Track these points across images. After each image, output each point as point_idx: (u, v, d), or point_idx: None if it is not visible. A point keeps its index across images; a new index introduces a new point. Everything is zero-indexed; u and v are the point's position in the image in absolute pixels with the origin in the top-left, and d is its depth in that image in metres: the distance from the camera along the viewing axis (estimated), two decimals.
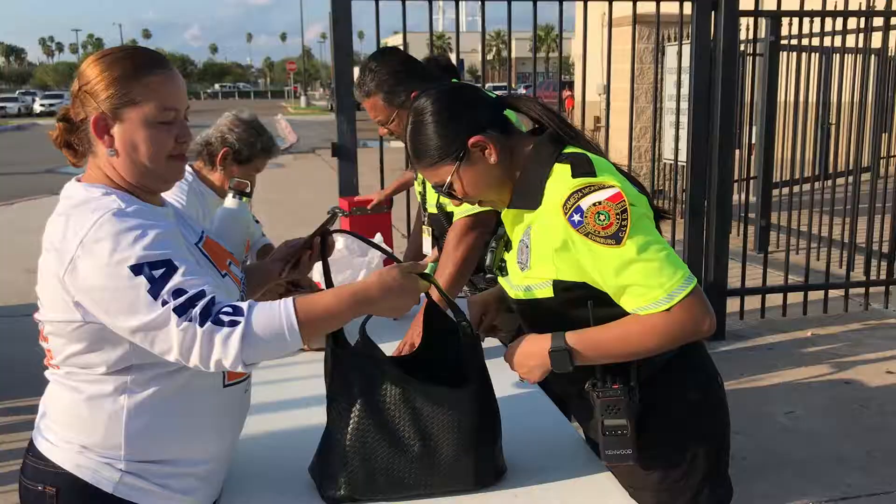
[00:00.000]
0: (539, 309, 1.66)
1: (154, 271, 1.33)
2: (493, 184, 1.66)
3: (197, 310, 1.32)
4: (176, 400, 1.47)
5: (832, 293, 5.77)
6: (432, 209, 2.74)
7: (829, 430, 3.99)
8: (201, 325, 1.32)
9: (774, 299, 5.64)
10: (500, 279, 1.83)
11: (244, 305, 1.36)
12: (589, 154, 1.62)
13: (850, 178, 5.88)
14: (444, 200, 2.58)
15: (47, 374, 1.55)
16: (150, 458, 1.47)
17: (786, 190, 7.45)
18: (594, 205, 1.49)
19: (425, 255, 2.92)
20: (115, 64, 1.42)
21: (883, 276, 6.01)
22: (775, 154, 7.35)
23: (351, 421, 1.56)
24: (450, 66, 4.15)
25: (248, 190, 2.47)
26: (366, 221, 4.37)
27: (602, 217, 1.49)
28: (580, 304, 1.58)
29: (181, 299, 1.32)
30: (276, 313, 1.36)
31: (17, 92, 55.09)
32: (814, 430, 3.98)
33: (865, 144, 5.91)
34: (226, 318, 1.33)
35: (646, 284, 1.49)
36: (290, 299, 1.38)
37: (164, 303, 1.32)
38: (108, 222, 1.36)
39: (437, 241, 2.77)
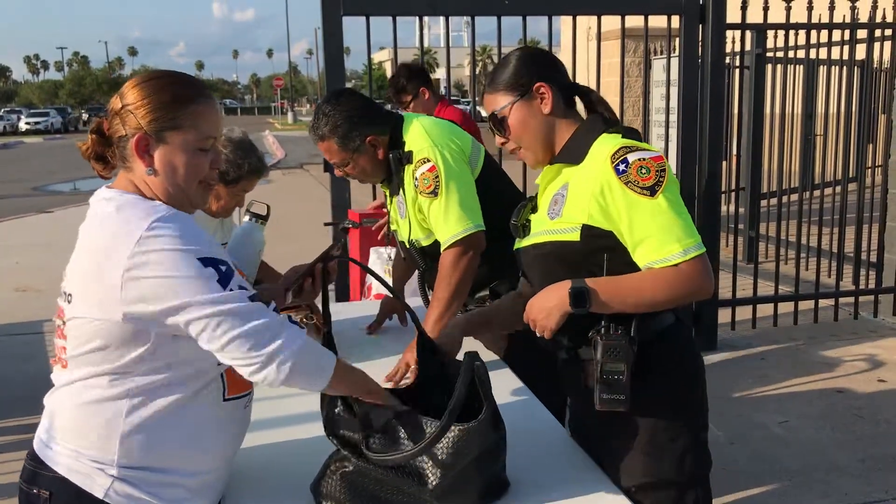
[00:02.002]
0: (558, 253, 1.76)
1: (220, 266, 1.42)
2: (537, 131, 1.83)
3: (277, 316, 1.45)
4: (175, 410, 1.49)
5: (822, 302, 5.80)
6: (405, 242, 2.66)
7: (823, 438, 4.00)
8: (285, 325, 1.44)
9: (765, 309, 5.66)
10: (520, 241, 1.91)
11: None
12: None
13: (838, 189, 5.93)
14: (417, 236, 2.56)
15: (54, 376, 1.57)
16: (143, 465, 1.48)
17: (774, 201, 7.50)
18: (639, 160, 1.67)
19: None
20: (164, 89, 1.49)
21: (871, 285, 6.06)
22: (763, 165, 7.41)
23: (349, 458, 1.57)
24: (421, 72, 4.20)
25: (264, 213, 2.48)
26: (368, 233, 4.39)
27: (643, 171, 1.66)
28: (599, 253, 1.72)
29: (247, 291, 1.43)
30: (324, 351, 1.53)
31: (2, 110, 54.81)
32: (808, 439, 3.99)
33: (851, 155, 5.96)
34: (291, 320, 1.46)
35: (665, 239, 1.66)
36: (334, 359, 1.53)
37: (232, 291, 1.41)
38: (168, 220, 1.43)
39: (423, 274, 2.73)
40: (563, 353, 1.92)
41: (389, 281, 2.92)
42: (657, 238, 1.66)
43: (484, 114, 2.17)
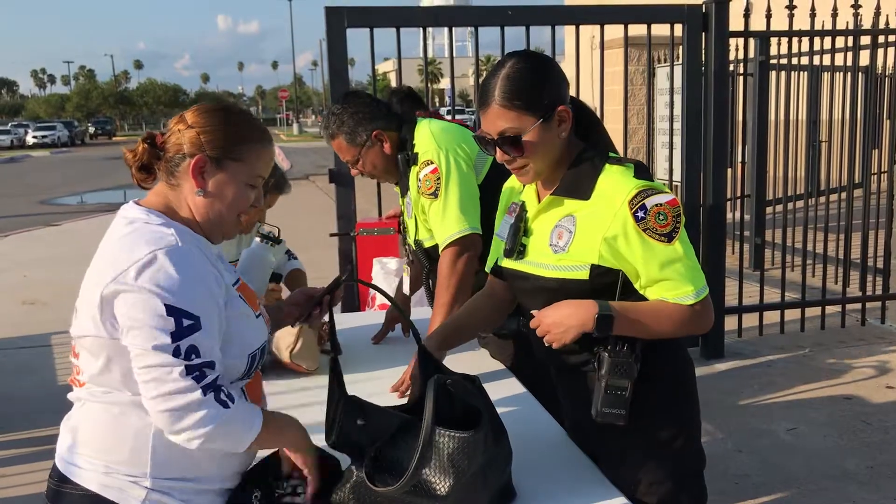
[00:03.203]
0: (565, 289, 1.77)
1: (185, 319, 1.41)
2: (551, 154, 1.79)
3: (209, 378, 1.42)
4: None
5: (829, 309, 5.78)
6: (412, 243, 2.73)
7: (831, 445, 3.99)
8: (204, 393, 1.41)
9: (772, 316, 5.65)
10: (513, 263, 1.90)
11: (236, 396, 1.46)
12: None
13: (843, 195, 5.92)
14: (422, 237, 2.60)
15: (71, 395, 1.58)
16: (175, 475, 1.51)
17: (779, 207, 7.49)
18: (657, 205, 1.70)
19: (406, 295, 2.94)
20: (236, 122, 1.57)
21: (878, 292, 6.03)
22: (768, 172, 7.41)
23: (354, 472, 1.57)
24: (412, 93, 4.17)
25: (276, 235, 2.51)
26: (374, 243, 4.40)
27: (661, 217, 1.70)
28: (606, 289, 1.75)
29: (194, 358, 1.41)
30: (248, 423, 1.48)
31: (10, 124, 55.12)
32: (816, 446, 3.98)
33: (857, 161, 5.96)
34: (223, 396, 1.43)
35: (680, 281, 1.72)
36: (261, 416, 1.50)
37: (177, 352, 1.40)
38: (162, 257, 1.43)
39: (427, 275, 2.75)
40: (562, 363, 1.93)
41: (406, 284, 2.93)
42: (673, 281, 1.72)
43: None
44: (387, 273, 3.95)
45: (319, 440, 1.62)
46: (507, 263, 1.93)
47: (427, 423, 1.51)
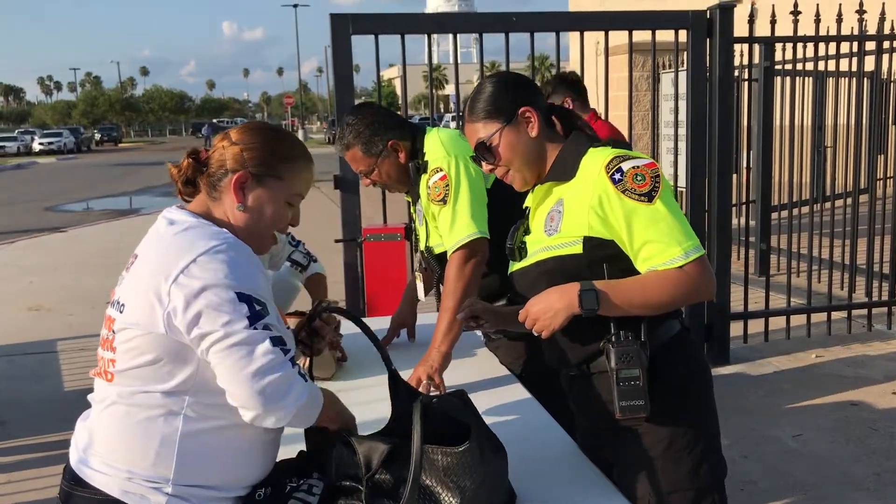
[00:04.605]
0: (562, 268, 1.77)
1: (256, 305, 1.46)
2: (525, 155, 1.85)
3: (290, 355, 1.48)
4: (229, 428, 1.53)
5: (835, 315, 5.77)
6: (423, 250, 2.76)
7: (837, 452, 3.97)
8: (292, 365, 1.48)
9: (777, 322, 5.64)
10: (517, 264, 1.93)
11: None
12: None
13: (849, 200, 5.91)
14: (433, 243, 2.62)
15: (93, 396, 1.59)
16: (197, 483, 1.52)
17: (785, 213, 7.48)
18: (633, 167, 1.71)
19: (419, 300, 2.96)
20: (281, 143, 1.63)
21: (885, 297, 6.02)
22: (773, 177, 7.40)
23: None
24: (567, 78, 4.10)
25: (304, 262, 2.53)
26: (381, 250, 4.40)
27: (639, 178, 1.70)
28: (602, 262, 1.74)
29: (273, 333, 1.47)
30: (317, 396, 1.55)
31: (17, 131, 55.33)
32: (822, 453, 3.97)
33: (862, 166, 5.95)
34: (301, 371, 1.50)
35: (666, 242, 1.69)
36: (319, 390, 1.57)
37: (256, 329, 1.45)
38: (228, 248, 1.49)
39: (439, 280, 2.77)
40: (571, 370, 1.93)
41: (421, 289, 2.95)
42: (659, 243, 1.70)
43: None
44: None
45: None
46: (513, 267, 1.95)
47: (416, 447, 1.48)
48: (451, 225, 2.48)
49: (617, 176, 1.70)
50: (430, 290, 3.00)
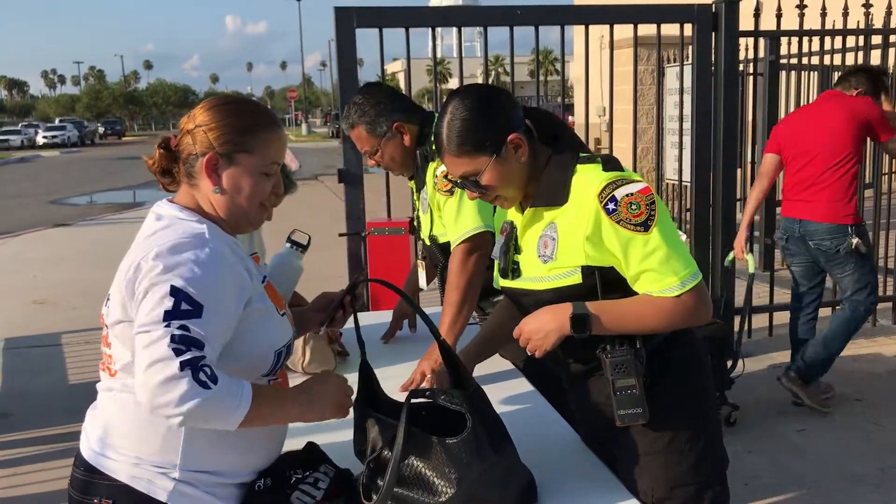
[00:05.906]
0: (562, 296, 1.74)
1: (185, 304, 1.41)
2: (517, 181, 1.77)
3: (189, 355, 1.37)
4: None
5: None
6: (426, 239, 2.76)
7: (842, 447, 3.97)
8: (181, 368, 1.35)
9: (782, 317, 5.61)
10: (510, 282, 1.88)
11: (220, 377, 1.39)
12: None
13: None
14: (436, 232, 2.61)
15: (101, 385, 1.60)
16: (204, 468, 1.53)
17: None
18: (627, 195, 1.66)
19: (421, 289, 2.96)
20: (239, 114, 1.58)
21: (889, 292, 6.00)
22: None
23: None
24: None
25: (305, 243, 2.53)
26: (385, 243, 4.40)
27: (634, 207, 1.65)
28: (604, 289, 1.72)
29: (181, 333, 1.38)
30: (233, 403, 1.40)
31: (20, 125, 55.42)
32: (827, 448, 3.96)
33: (868, 161, 5.93)
34: (202, 377, 1.36)
35: (663, 271, 1.67)
36: (249, 396, 1.42)
37: (168, 326, 1.39)
38: (185, 244, 1.47)
39: (439, 270, 2.77)
40: (569, 372, 1.93)
41: (423, 278, 2.95)
42: (655, 272, 1.68)
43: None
44: None
45: (330, 437, 1.62)
46: (505, 283, 1.92)
47: (399, 440, 1.49)
48: (456, 217, 2.46)
49: (611, 206, 1.66)
50: (432, 278, 2.99)
